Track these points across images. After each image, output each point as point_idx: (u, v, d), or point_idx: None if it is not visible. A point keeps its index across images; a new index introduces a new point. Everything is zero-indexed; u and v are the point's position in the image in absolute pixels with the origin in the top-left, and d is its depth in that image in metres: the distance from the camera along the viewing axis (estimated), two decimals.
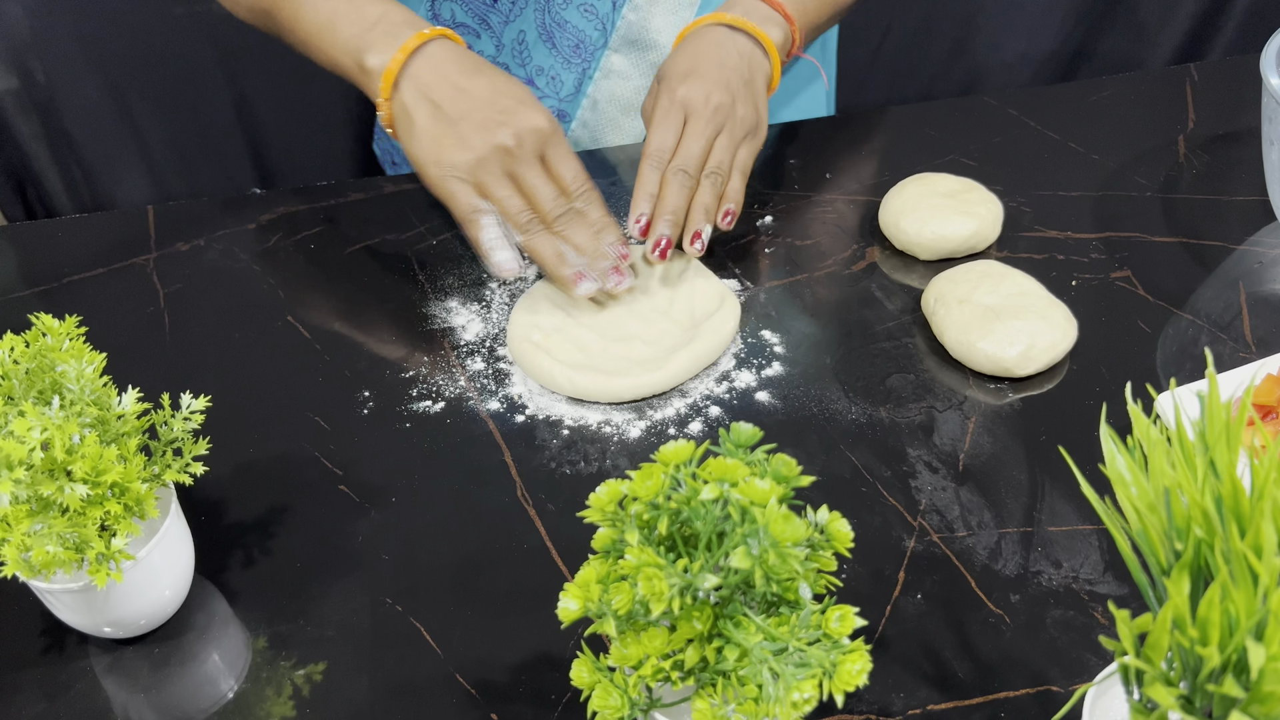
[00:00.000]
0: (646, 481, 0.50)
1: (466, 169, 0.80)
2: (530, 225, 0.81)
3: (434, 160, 0.81)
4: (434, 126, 0.81)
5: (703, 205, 0.84)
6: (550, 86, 1.02)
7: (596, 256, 0.81)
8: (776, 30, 0.90)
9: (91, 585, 0.60)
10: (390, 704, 0.63)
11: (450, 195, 0.81)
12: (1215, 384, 0.46)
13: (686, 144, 0.84)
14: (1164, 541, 0.45)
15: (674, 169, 0.84)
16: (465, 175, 0.80)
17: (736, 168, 0.86)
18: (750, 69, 0.88)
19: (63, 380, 0.60)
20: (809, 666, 0.49)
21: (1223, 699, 0.42)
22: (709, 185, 0.85)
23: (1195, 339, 0.80)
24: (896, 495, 0.72)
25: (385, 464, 0.75)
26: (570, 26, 0.99)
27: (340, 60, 0.85)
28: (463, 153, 0.80)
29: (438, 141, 0.80)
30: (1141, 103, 1.02)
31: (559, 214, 0.81)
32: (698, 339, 0.80)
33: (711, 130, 0.85)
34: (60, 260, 0.91)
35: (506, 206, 0.80)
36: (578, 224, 0.82)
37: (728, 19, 0.89)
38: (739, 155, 0.87)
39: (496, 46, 1.02)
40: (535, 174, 0.81)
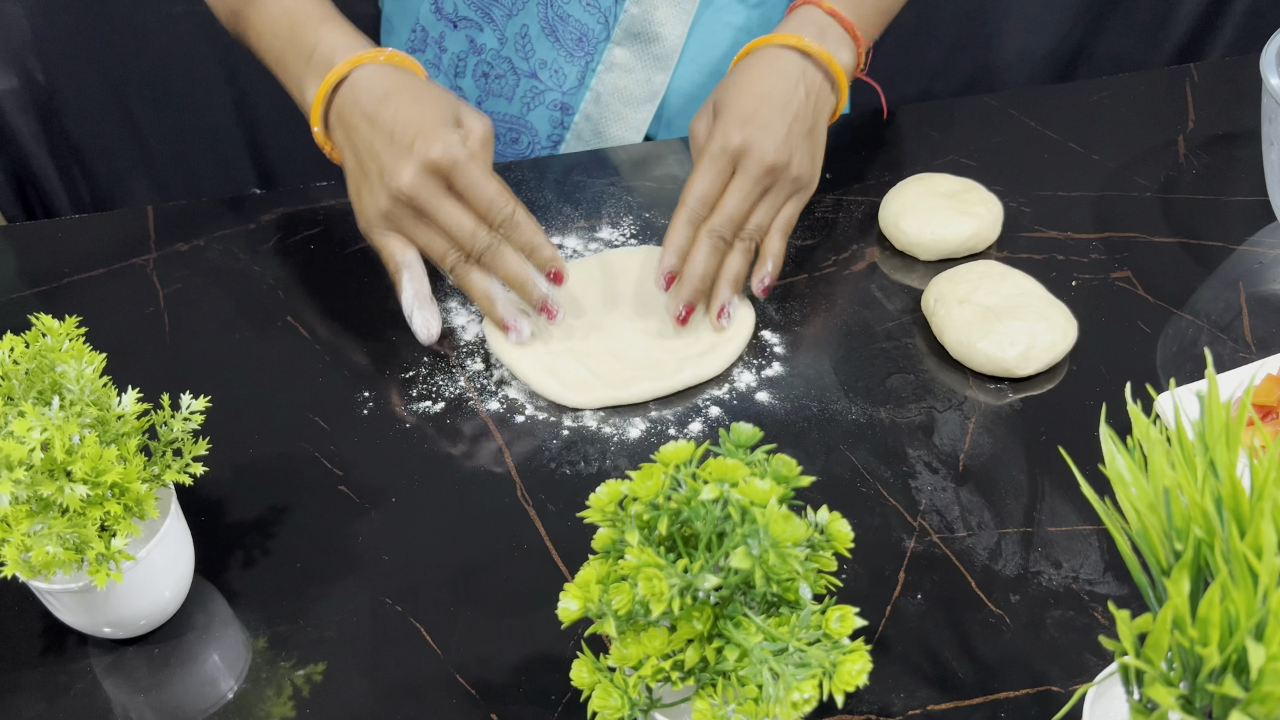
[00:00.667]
0: (647, 482, 0.50)
1: (382, 220, 0.78)
2: (457, 265, 0.77)
3: (358, 211, 0.79)
4: (354, 175, 0.79)
5: (731, 275, 0.80)
6: (553, 80, 1.02)
7: (527, 289, 0.78)
8: (847, 53, 0.85)
9: (91, 586, 0.60)
10: (390, 704, 0.63)
11: (380, 250, 0.79)
12: (1215, 384, 0.46)
13: (727, 203, 0.79)
14: (1164, 542, 0.45)
15: (709, 229, 0.79)
16: (384, 226, 0.78)
17: (778, 228, 0.82)
18: (816, 112, 0.83)
19: (62, 380, 0.60)
20: (809, 667, 0.49)
21: (1223, 699, 0.42)
22: (741, 251, 0.81)
23: (1195, 339, 0.80)
24: (896, 495, 0.72)
25: (385, 464, 0.75)
26: (573, 20, 0.99)
27: (294, 95, 0.84)
28: (374, 203, 0.77)
29: (358, 192, 0.79)
30: (1141, 103, 1.02)
31: (482, 249, 0.77)
32: (690, 366, 0.79)
33: (758, 191, 0.80)
34: (60, 260, 0.91)
35: (429, 250, 0.78)
36: (503, 256, 0.77)
37: (804, 44, 0.83)
38: (783, 213, 0.82)
39: (500, 40, 1.02)
40: (447, 210, 0.76)
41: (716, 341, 0.80)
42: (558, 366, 0.79)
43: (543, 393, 0.78)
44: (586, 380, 0.78)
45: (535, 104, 1.03)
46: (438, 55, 1.06)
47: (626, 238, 0.91)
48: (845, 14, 0.85)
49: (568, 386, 0.78)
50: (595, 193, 0.95)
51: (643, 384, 0.78)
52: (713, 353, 0.80)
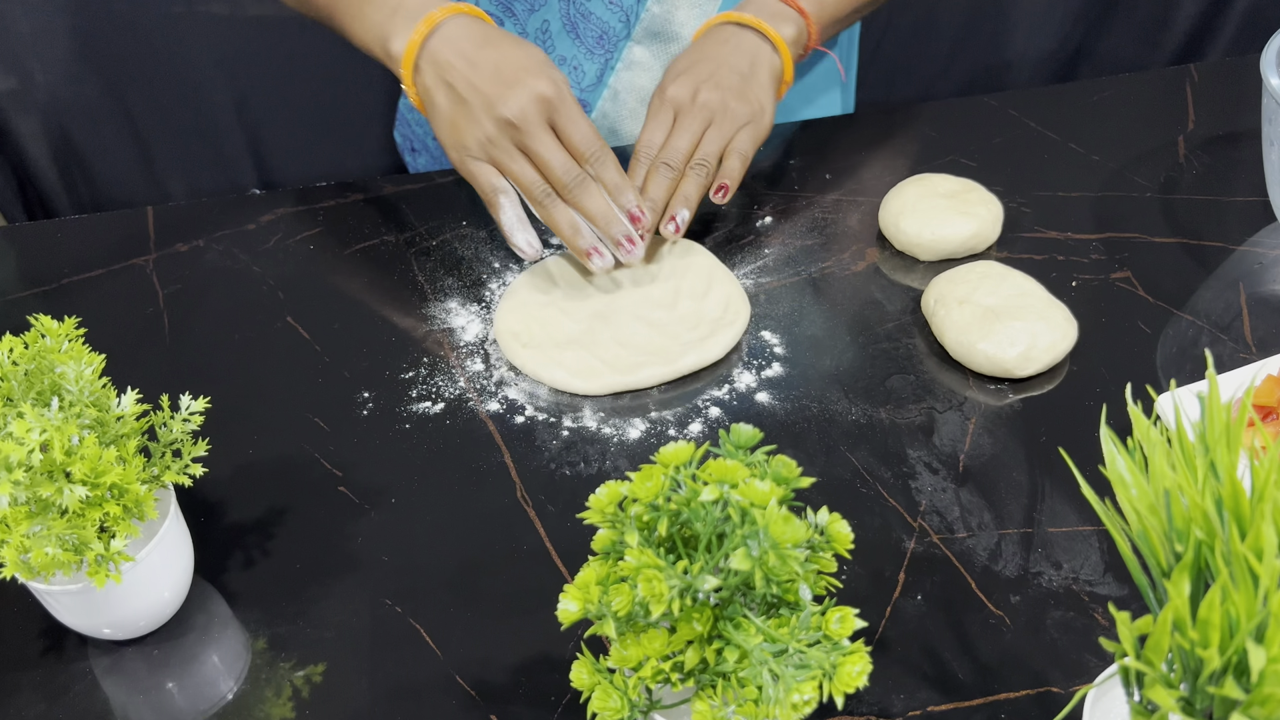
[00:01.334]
0: (646, 483, 0.50)
1: (480, 148, 0.81)
2: (545, 198, 0.82)
3: (453, 143, 0.82)
4: (450, 108, 0.82)
5: (683, 194, 0.85)
6: (572, 76, 1.02)
7: (610, 223, 0.82)
8: (789, 26, 0.91)
9: (91, 587, 0.60)
10: (390, 705, 0.62)
11: (471, 177, 0.83)
12: (1215, 385, 0.46)
13: (673, 139, 0.86)
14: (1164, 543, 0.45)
15: (658, 163, 0.86)
16: (480, 154, 0.82)
17: (733, 151, 0.87)
18: (752, 64, 0.89)
19: (62, 381, 0.60)
20: (809, 668, 0.49)
21: (1223, 701, 0.42)
22: (693, 175, 0.86)
23: (1195, 340, 0.80)
24: (896, 496, 0.71)
25: (385, 464, 0.75)
26: (595, 18, 1.00)
27: (370, 45, 0.87)
28: (474, 132, 0.81)
29: (454, 123, 0.82)
30: (1141, 103, 1.02)
31: (571, 182, 0.81)
32: (693, 351, 0.80)
33: (699, 125, 0.86)
34: (60, 261, 0.91)
35: (521, 181, 0.82)
36: (591, 191, 0.82)
37: (736, 17, 0.91)
38: (735, 140, 0.87)
39: (521, 34, 1.03)
40: (545, 144, 0.81)
41: (716, 326, 0.81)
42: (564, 358, 0.79)
43: (552, 384, 0.79)
44: (594, 367, 0.79)
45: None
46: None
47: None
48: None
49: (576, 375, 0.78)
50: None
51: (649, 369, 0.79)
52: (713, 337, 0.80)
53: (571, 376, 0.78)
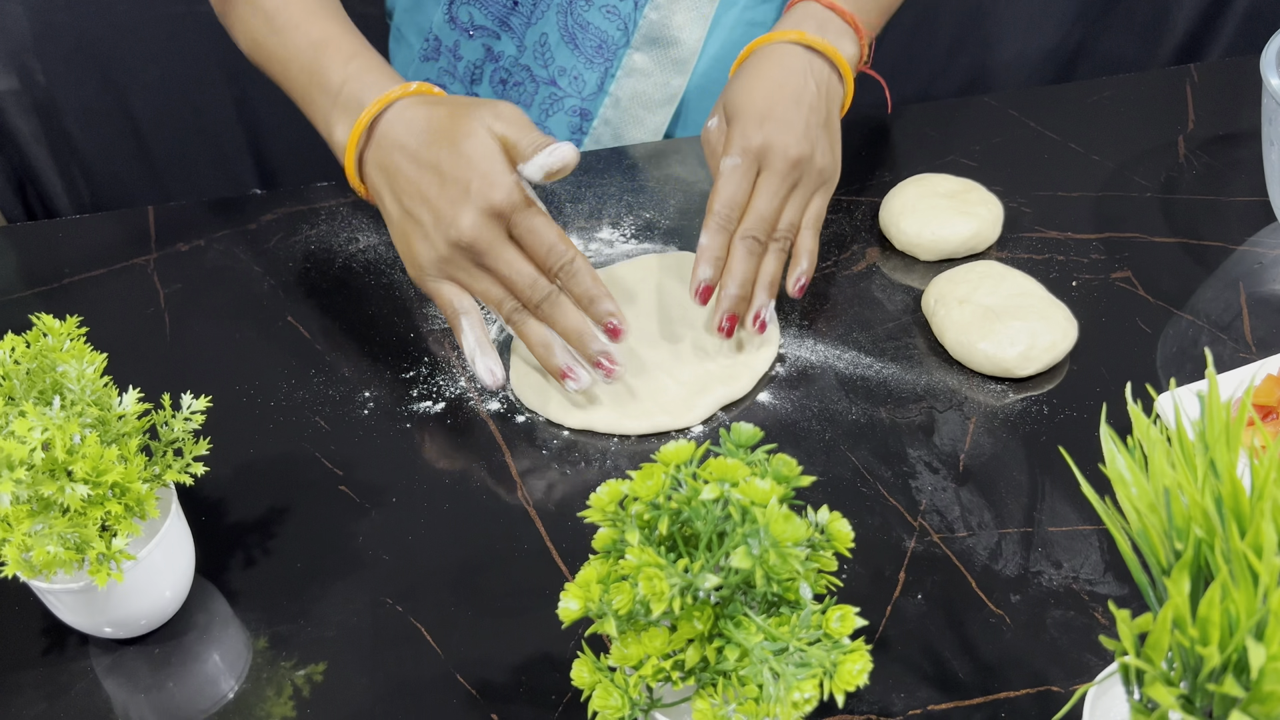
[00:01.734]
0: (647, 481, 0.50)
1: (436, 269, 0.75)
2: (514, 314, 0.75)
3: (408, 260, 0.76)
4: (400, 222, 0.76)
5: (767, 280, 0.79)
6: (573, 86, 1.02)
7: (585, 342, 0.74)
8: (850, 45, 0.84)
9: (92, 585, 0.60)
10: (390, 704, 0.63)
11: (435, 298, 0.76)
12: (1215, 384, 0.46)
13: (757, 204, 0.78)
14: (1164, 541, 0.45)
15: (743, 234, 0.78)
16: (438, 274, 0.75)
17: (808, 225, 0.81)
18: (828, 104, 0.82)
19: (63, 380, 0.60)
20: (809, 666, 0.49)
21: (1223, 698, 0.42)
22: (775, 253, 0.79)
23: (1195, 339, 0.80)
24: (897, 496, 0.72)
25: (385, 464, 0.75)
26: (592, 28, 0.99)
27: (320, 132, 0.81)
28: (427, 253, 0.74)
29: (406, 240, 0.75)
30: (1141, 103, 1.02)
31: (540, 299, 0.74)
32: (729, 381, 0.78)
33: (786, 188, 0.79)
34: (60, 260, 0.91)
35: (488, 299, 0.75)
36: (562, 307, 0.74)
37: (806, 39, 0.82)
38: (811, 208, 0.81)
39: (518, 48, 1.02)
40: (506, 260, 0.74)
41: (736, 369, 0.79)
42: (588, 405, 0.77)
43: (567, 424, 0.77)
44: (614, 423, 0.76)
45: (554, 110, 1.04)
46: (452, 63, 1.06)
47: (626, 238, 0.91)
48: (844, 6, 0.85)
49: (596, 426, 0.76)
50: (598, 192, 0.95)
51: (656, 418, 0.76)
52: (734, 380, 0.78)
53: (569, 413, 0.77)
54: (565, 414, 0.77)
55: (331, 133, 0.79)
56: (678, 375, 0.78)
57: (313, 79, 0.80)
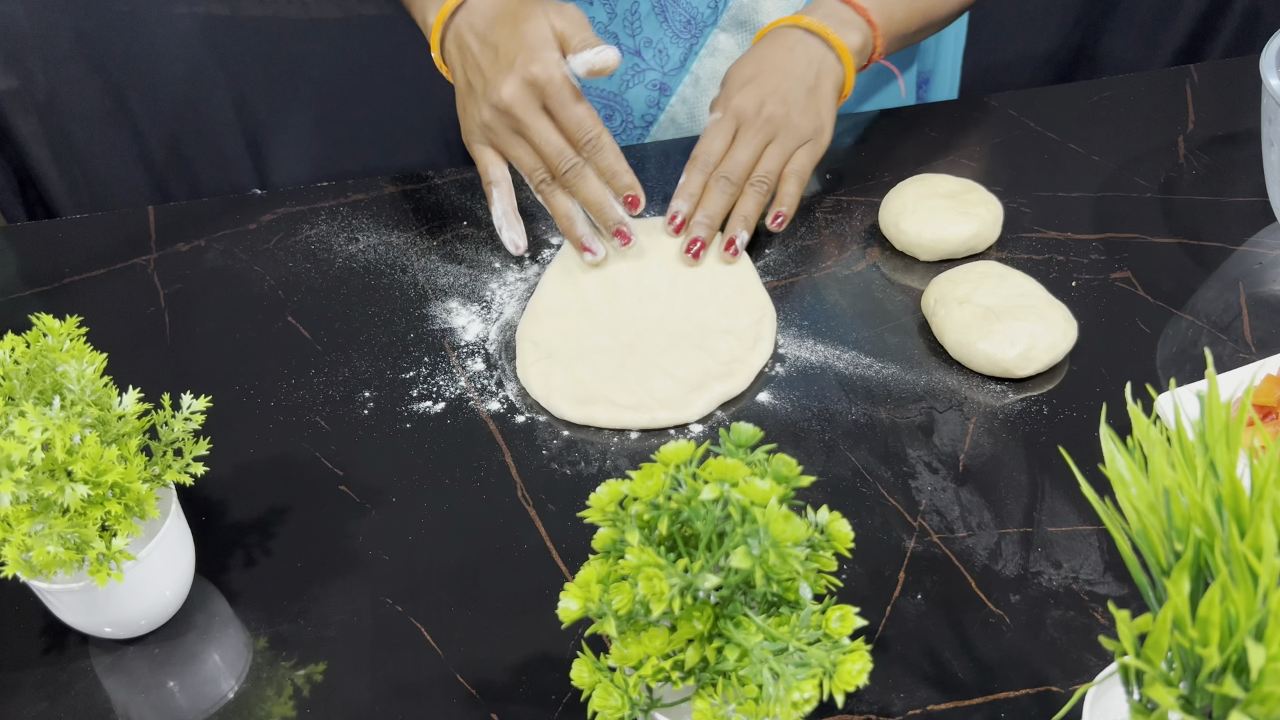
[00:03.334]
0: (647, 481, 0.50)
1: (481, 132, 0.82)
2: (543, 185, 0.82)
3: (462, 123, 0.84)
4: (461, 90, 0.84)
5: (743, 214, 0.85)
6: (656, 60, 1.03)
7: (604, 210, 0.82)
8: (855, 35, 0.89)
9: (92, 585, 0.60)
10: (390, 704, 0.63)
11: (476, 162, 0.84)
12: (1215, 384, 0.46)
13: (734, 152, 0.85)
14: (1164, 542, 0.45)
15: (718, 175, 0.85)
16: (482, 139, 0.83)
17: (791, 173, 0.87)
18: (817, 75, 0.88)
19: (63, 380, 0.60)
20: (809, 666, 0.49)
21: (1223, 699, 0.42)
22: (753, 193, 0.85)
23: (1195, 340, 0.80)
24: (896, 496, 0.72)
25: (385, 464, 0.75)
26: (684, 2, 1.00)
27: (414, 16, 0.89)
28: (476, 115, 0.82)
29: (463, 105, 0.84)
30: (1141, 104, 1.02)
31: (566, 168, 0.81)
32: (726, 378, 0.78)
33: (761, 139, 0.86)
34: (60, 260, 0.91)
35: (520, 166, 0.82)
36: (586, 178, 0.82)
37: (804, 22, 0.89)
38: (794, 161, 0.87)
39: (609, 14, 1.03)
40: (539, 128, 0.81)
41: (733, 365, 0.79)
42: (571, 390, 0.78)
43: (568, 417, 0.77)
44: (615, 418, 0.76)
45: (634, 82, 1.04)
46: None
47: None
48: (861, 1, 0.90)
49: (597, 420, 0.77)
50: None
51: (655, 413, 0.76)
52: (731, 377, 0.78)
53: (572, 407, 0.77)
54: (567, 407, 0.77)
55: (426, 11, 0.87)
56: (675, 371, 0.78)
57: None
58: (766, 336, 0.81)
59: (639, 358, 0.80)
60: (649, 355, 0.80)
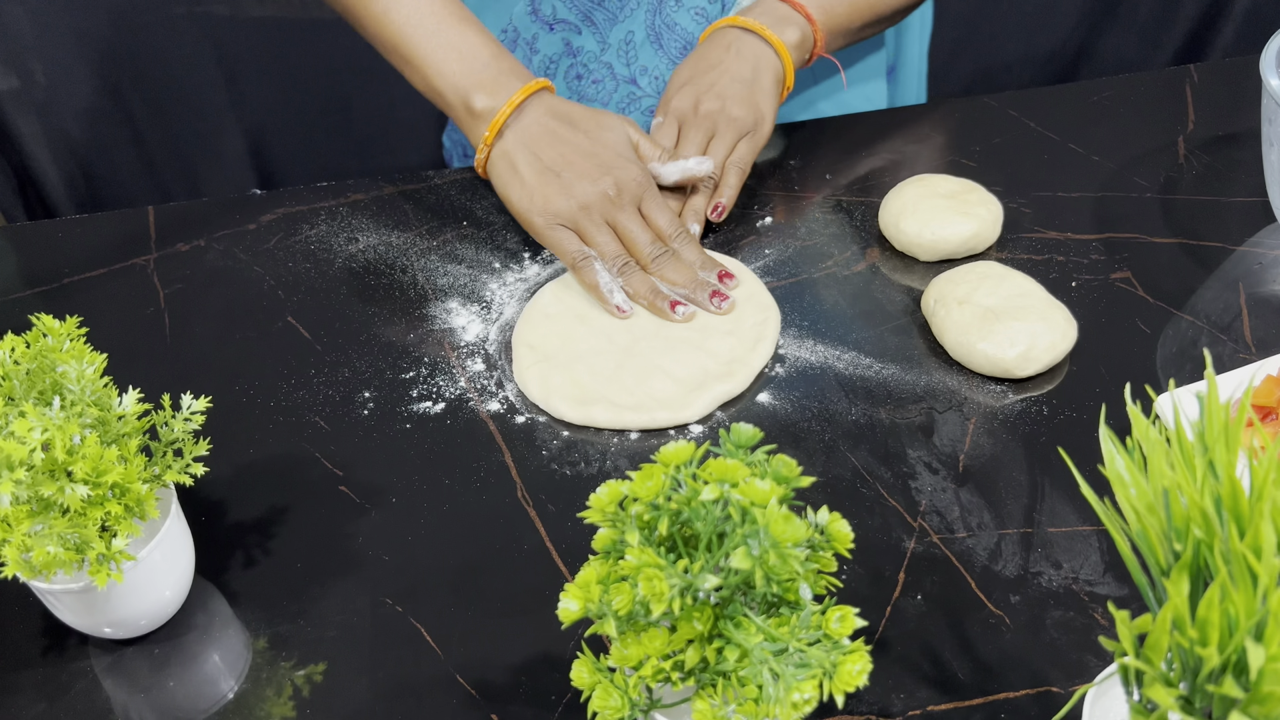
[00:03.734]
0: (647, 482, 0.50)
1: (569, 216, 0.84)
2: (627, 268, 0.84)
3: (540, 209, 0.84)
4: (536, 177, 0.85)
5: (693, 208, 0.89)
6: (652, 86, 1.03)
7: (697, 287, 0.84)
8: (793, 31, 0.93)
9: (92, 586, 0.60)
10: (390, 704, 0.63)
11: (557, 242, 0.85)
12: (1214, 385, 0.46)
13: (678, 152, 0.90)
14: (1163, 542, 0.45)
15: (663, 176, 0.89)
16: (568, 222, 0.84)
17: (732, 165, 0.90)
18: (754, 69, 0.91)
19: (63, 381, 0.61)
20: (809, 667, 0.49)
21: (1222, 699, 0.42)
22: (701, 189, 0.90)
23: (1195, 340, 0.80)
24: (896, 496, 0.72)
25: (385, 464, 0.75)
26: (679, 28, 1.01)
27: (444, 93, 0.88)
28: (566, 201, 0.84)
29: (541, 191, 0.85)
30: (1141, 104, 1.02)
31: (657, 256, 0.85)
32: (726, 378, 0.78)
33: (703, 136, 0.90)
34: (60, 260, 0.91)
35: (604, 250, 0.84)
36: (673, 263, 0.85)
37: (741, 21, 0.93)
38: (735, 153, 0.90)
39: (601, 45, 1.03)
40: (634, 221, 0.85)
41: (733, 366, 0.79)
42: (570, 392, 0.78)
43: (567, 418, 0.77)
44: (615, 418, 0.77)
45: (630, 109, 1.05)
46: (528, 56, 1.07)
47: None
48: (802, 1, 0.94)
49: (597, 421, 0.77)
50: None
51: (653, 414, 0.77)
52: (731, 377, 0.78)
53: (571, 408, 0.77)
54: (566, 408, 0.77)
55: (470, 95, 0.86)
56: (675, 371, 0.78)
57: (448, 44, 0.88)
58: (768, 337, 0.81)
59: (637, 360, 0.80)
60: (647, 357, 0.80)
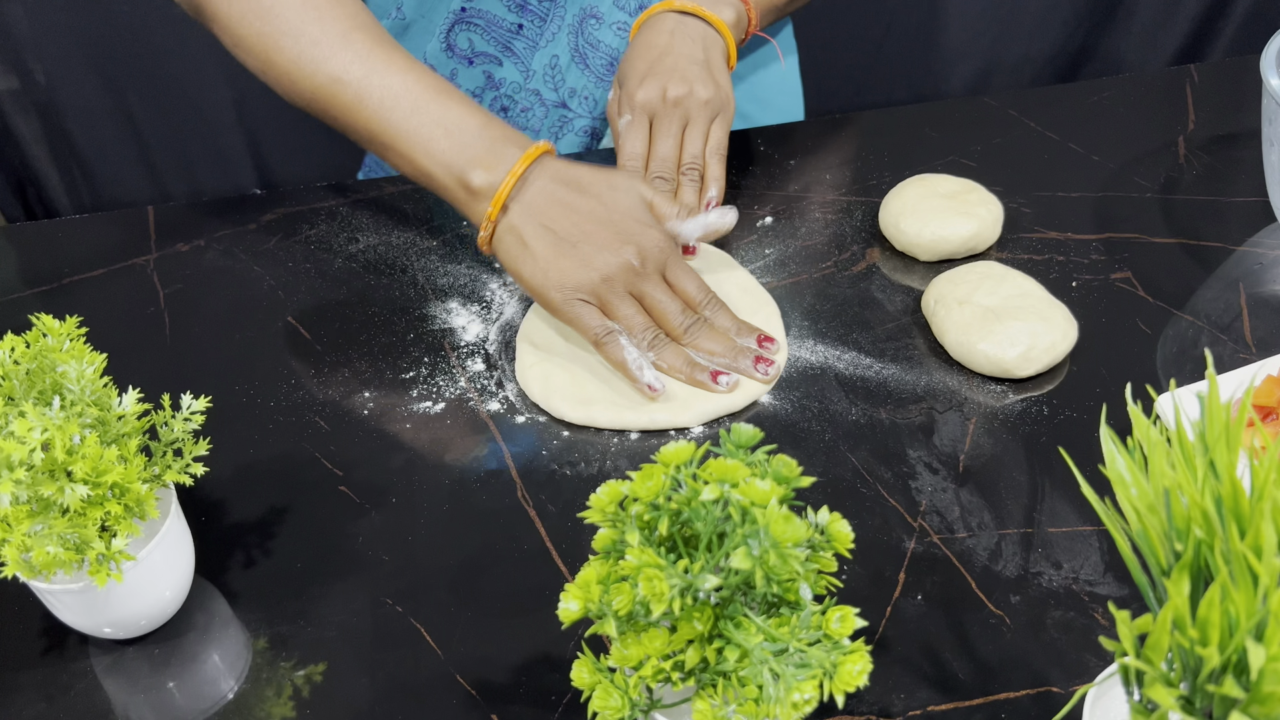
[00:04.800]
0: (647, 482, 0.50)
1: (590, 290, 0.78)
2: (657, 341, 0.79)
3: (556, 284, 0.78)
4: (550, 250, 0.78)
5: (685, 206, 0.85)
6: (583, 106, 1.03)
7: (736, 356, 0.79)
8: (729, 10, 0.92)
9: (92, 586, 0.60)
10: (390, 704, 0.63)
11: (577, 318, 0.78)
12: (1215, 385, 0.46)
13: (656, 147, 0.87)
14: (1164, 542, 0.45)
15: (651, 176, 0.86)
16: (589, 296, 0.78)
17: (712, 152, 0.88)
18: (704, 49, 0.90)
19: (63, 381, 0.60)
20: (809, 667, 0.49)
21: (1223, 699, 0.42)
22: (687, 183, 0.87)
23: (1195, 340, 0.80)
24: (897, 496, 0.72)
25: (385, 464, 0.75)
26: (603, 46, 1.00)
27: (435, 174, 0.80)
28: (586, 273, 0.78)
29: (557, 265, 0.78)
30: (1142, 104, 1.02)
31: (690, 326, 0.80)
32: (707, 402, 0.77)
33: (677, 125, 0.87)
34: (60, 260, 0.91)
35: (632, 324, 0.79)
36: (707, 332, 0.80)
37: (678, 4, 0.91)
38: (712, 139, 0.88)
39: (524, 73, 1.02)
40: (661, 291, 0.80)
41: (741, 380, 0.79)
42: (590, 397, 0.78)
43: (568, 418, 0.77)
44: (616, 418, 0.77)
45: (564, 131, 1.05)
46: None
47: None
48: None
49: (598, 421, 0.77)
50: None
51: (656, 414, 0.77)
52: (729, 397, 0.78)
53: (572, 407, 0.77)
54: (567, 408, 0.77)
55: (466, 172, 0.79)
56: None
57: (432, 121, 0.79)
58: (780, 348, 0.81)
59: None
60: None
